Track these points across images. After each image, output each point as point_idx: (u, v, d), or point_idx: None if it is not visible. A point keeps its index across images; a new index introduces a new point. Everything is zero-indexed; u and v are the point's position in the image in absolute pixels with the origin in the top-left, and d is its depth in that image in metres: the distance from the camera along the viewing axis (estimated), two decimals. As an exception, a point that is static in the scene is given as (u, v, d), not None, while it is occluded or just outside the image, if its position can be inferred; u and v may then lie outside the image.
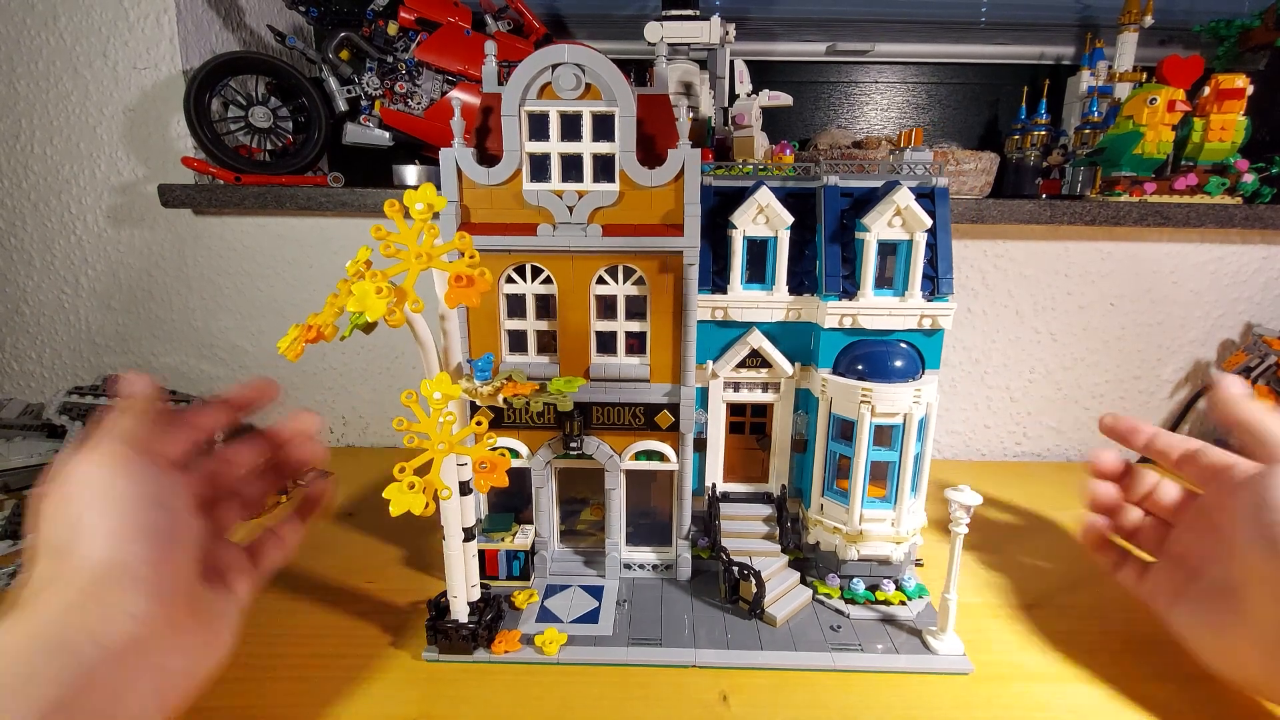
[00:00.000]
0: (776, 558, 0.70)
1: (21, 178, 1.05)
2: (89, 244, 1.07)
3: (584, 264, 0.64)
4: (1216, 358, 1.10)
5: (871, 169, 0.68)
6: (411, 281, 0.48)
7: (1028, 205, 0.97)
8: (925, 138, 1.18)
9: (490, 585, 0.68)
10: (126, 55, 1.00)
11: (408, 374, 1.12)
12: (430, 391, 0.50)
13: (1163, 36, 1.14)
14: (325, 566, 0.75)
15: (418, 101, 0.98)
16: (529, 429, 0.68)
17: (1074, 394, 1.11)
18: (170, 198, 1.00)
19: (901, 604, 0.67)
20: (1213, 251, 1.05)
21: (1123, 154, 0.95)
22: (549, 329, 0.67)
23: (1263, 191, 0.98)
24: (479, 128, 0.64)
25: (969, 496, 0.56)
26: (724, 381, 0.72)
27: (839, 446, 0.67)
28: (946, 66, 1.20)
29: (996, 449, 1.14)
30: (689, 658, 0.59)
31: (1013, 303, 1.07)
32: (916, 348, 0.66)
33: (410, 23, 0.96)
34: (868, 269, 0.64)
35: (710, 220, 0.69)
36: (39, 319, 1.12)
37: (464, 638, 0.59)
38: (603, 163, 0.62)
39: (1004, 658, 0.61)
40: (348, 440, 1.16)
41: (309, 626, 0.65)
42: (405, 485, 0.49)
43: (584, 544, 0.76)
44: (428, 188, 0.49)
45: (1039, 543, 0.82)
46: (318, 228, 1.06)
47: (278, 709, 0.54)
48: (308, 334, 0.46)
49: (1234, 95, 0.93)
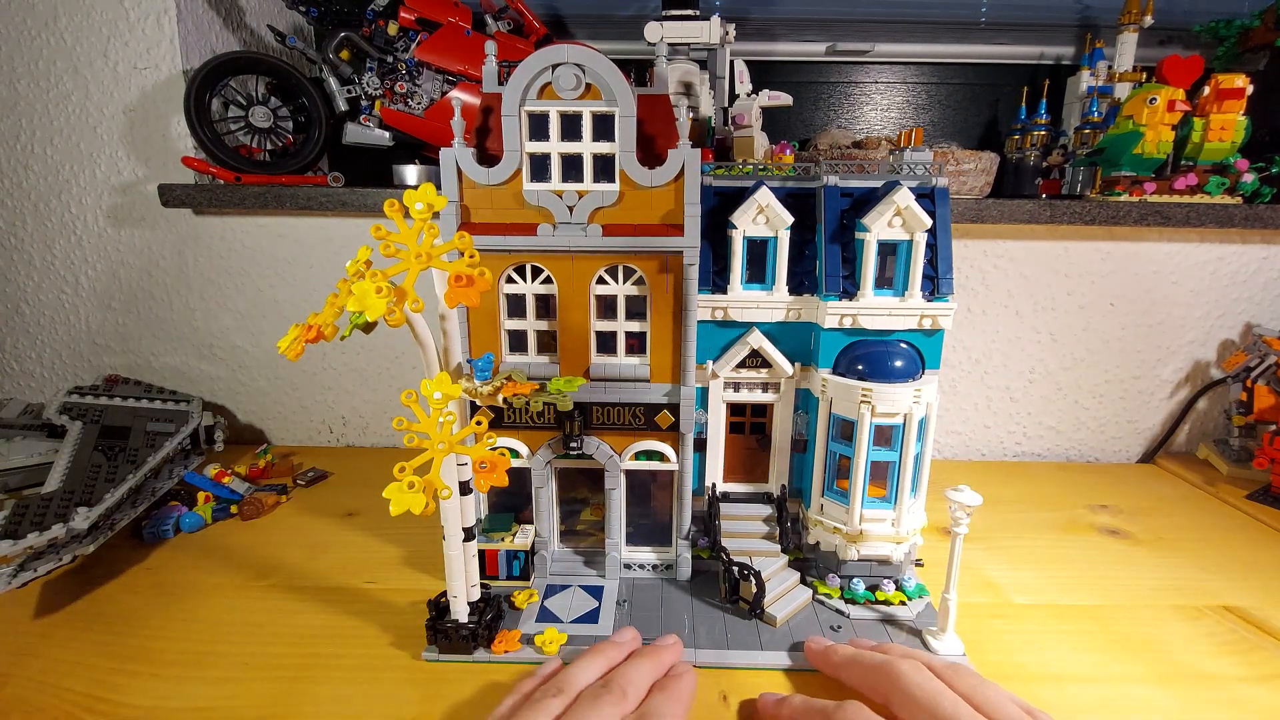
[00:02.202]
0: (776, 558, 0.70)
1: (22, 178, 1.05)
2: (89, 244, 1.07)
3: (584, 264, 0.64)
4: (1216, 358, 1.10)
5: (871, 169, 0.68)
6: (411, 281, 0.48)
7: (1028, 205, 0.96)
8: (925, 138, 1.18)
9: (490, 585, 0.68)
10: (127, 55, 1.00)
11: (408, 374, 1.12)
12: (430, 391, 0.50)
13: (1163, 36, 1.14)
14: (325, 566, 0.75)
15: (418, 101, 0.98)
16: (529, 429, 0.68)
17: (1074, 394, 1.11)
18: (170, 198, 1.00)
19: (901, 604, 0.67)
20: (1213, 251, 1.05)
21: (1123, 154, 0.95)
22: (549, 329, 0.67)
23: (1263, 191, 0.98)
24: (479, 128, 0.64)
25: (969, 496, 0.56)
26: (724, 381, 0.72)
27: (839, 446, 0.67)
28: (946, 66, 1.20)
29: (996, 449, 1.14)
30: (689, 658, 0.59)
31: (1013, 303, 1.07)
32: (916, 348, 0.66)
33: (410, 23, 0.96)
34: (868, 269, 0.64)
35: (710, 220, 0.69)
36: (39, 319, 1.12)
37: (464, 638, 0.59)
38: (603, 163, 0.62)
39: (1004, 658, 0.61)
40: (348, 440, 1.16)
41: (309, 626, 0.65)
42: (405, 485, 0.49)
43: (584, 544, 0.76)
44: (428, 187, 0.49)
45: (1039, 543, 0.82)
46: (318, 227, 1.06)
47: (278, 709, 0.54)
48: (308, 334, 0.46)
49: (1234, 95, 0.93)
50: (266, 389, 1.14)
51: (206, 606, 0.68)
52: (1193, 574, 0.76)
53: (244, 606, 0.68)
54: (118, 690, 0.56)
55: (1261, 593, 0.72)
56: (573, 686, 0.49)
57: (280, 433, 1.16)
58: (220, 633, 0.64)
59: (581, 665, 0.52)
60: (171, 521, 0.82)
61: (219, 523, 0.85)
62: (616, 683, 0.49)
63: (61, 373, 1.15)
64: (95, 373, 1.14)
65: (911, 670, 0.49)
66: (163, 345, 1.12)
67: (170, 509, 0.84)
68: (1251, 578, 0.75)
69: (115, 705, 0.55)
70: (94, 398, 0.93)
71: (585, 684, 0.50)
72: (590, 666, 0.52)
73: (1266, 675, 0.59)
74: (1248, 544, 0.82)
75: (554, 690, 0.48)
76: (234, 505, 0.87)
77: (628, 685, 0.49)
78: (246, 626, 0.65)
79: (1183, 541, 0.83)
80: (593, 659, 0.53)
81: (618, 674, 0.51)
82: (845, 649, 0.57)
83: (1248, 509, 0.91)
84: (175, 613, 0.67)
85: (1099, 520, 0.88)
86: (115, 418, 0.90)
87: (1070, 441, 1.13)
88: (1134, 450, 1.14)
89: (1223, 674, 0.60)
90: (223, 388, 1.14)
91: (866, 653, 0.55)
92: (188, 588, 0.71)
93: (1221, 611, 0.69)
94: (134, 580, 0.73)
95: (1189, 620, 0.67)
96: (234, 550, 0.79)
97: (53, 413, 0.89)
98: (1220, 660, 0.61)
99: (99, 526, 0.73)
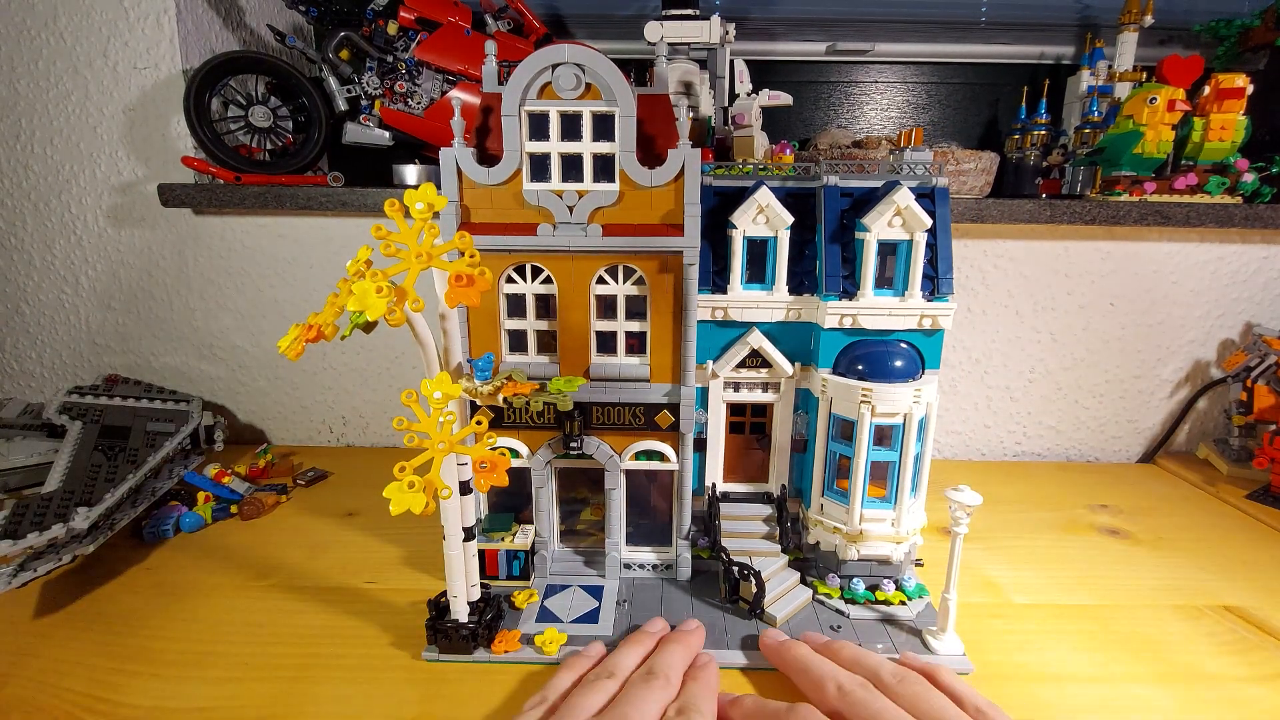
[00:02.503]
0: (776, 558, 0.70)
1: (22, 178, 1.05)
2: (89, 244, 1.07)
3: (584, 264, 0.64)
4: (1216, 357, 1.10)
5: (871, 169, 0.68)
6: (411, 281, 0.48)
7: (1028, 205, 0.96)
8: (925, 138, 1.18)
9: (490, 585, 0.68)
10: (127, 55, 1.00)
11: (408, 374, 1.12)
12: (430, 391, 0.50)
13: (1163, 36, 1.14)
14: (325, 566, 0.75)
15: (418, 101, 0.98)
16: (529, 429, 0.68)
17: (1074, 394, 1.11)
18: (170, 197, 1.00)
19: (901, 604, 0.67)
20: (1213, 251, 1.05)
21: (1123, 154, 0.95)
22: (549, 329, 0.67)
23: (1263, 191, 0.98)
24: (479, 127, 0.64)
25: (969, 496, 0.56)
26: (724, 381, 0.72)
27: (839, 446, 0.67)
28: (946, 66, 1.20)
29: (996, 449, 1.14)
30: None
31: (1013, 303, 1.07)
32: (916, 348, 0.66)
33: (410, 22, 0.96)
34: (868, 269, 0.64)
35: (710, 220, 0.69)
36: (39, 319, 1.12)
37: (464, 638, 0.59)
38: (603, 162, 0.62)
39: (1004, 658, 0.61)
40: (348, 440, 1.16)
41: (309, 626, 0.65)
42: (405, 485, 0.49)
43: (584, 544, 0.76)
44: (428, 187, 0.49)
45: (1039, 542, 0.82)
46: (318, 227, 1.06)
47: (278, 709, 0.54)
48: (308, 333, 0.46)
49: (1234, 95, 0.93)
50: (266, 389, 1.14)
51: (206, 606, 0.68)
52: (1193, 574, 0.76)
53: (244, 606, 0.68)
54: (118, 690, 0.56)
55: (1261, 593, 0.72)
56: (621, 671, 0.54)
57: (280, 433, 1.16)
58: (220, 633, 0.64)
59: (625, 652, 0.57)
60: (171, 521, 0.82)
61: (219, 523, 0.85)
62: (659, 669, 0.53)
63: (61, 373, 1.15)
64: (95, 373, 1.14)
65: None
66: (163, 345, 1.12)
67: (170, 509, 0.84)
68: (1251, 578, 0.75)
69: (115, 705, 0.55)
70: (94, 398, 0.93)
71: (630, 669, 0.55)
72: (633, 653, 0.57)
73: (1266, 675, 0.59)
74: (1248, 544, 0.82)
75: (606, 673, 0.53)
76: (234, 505, 0.87)
77: (669, 671, 0.54)
78: (246, 626, 0.65)
79: (1183, 541, 0.83)
80: (634, 647, 0.58)
81: (657, 660, 0.55)
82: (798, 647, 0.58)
83: (1248, 509, 0.91)
84: (175, 613, 0.67)
85: (1099, 520, 0.88)
86: (115, 418, 0.90)
87: (1070, 441, 1.13)
88: (1134, 450, 1.14)
89: (1223, 674, 0.60)
90: (223, 388, 1.14)
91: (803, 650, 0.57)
92: (188, 588, 0.71)
93: (1221, 611, 0.69)
94: (134, 580, 0.73)
95: (1189, 620, 0.67)
96: (234, 550, 0.79)
97: (53, 413, 0.89)
98: (1220, 660, 0.61)
99: (99, 526, 0.73)
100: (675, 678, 0.53)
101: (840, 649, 0.57)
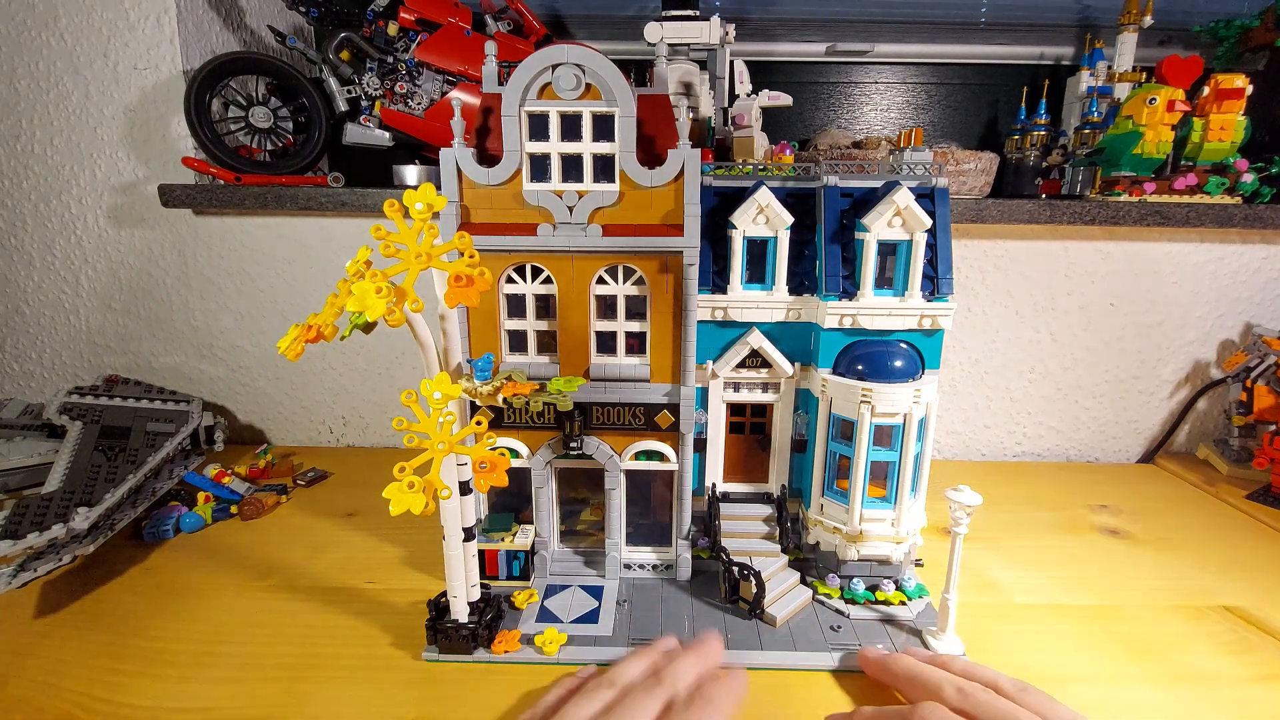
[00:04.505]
0: (776, 558, 0.70)
1: (22, 178, 1.05)
2: (89, 244, 1.07)
3: (584, 264, 0.64)
4: (1216, 358, 1.10)
5: (871, 169, 0.68)
6: (411, 281, 0.48)
7: (1027, 205, 0.97)
8: (925, 138, 1.18)
9: (490, 585, 0.68)
10: (127, 55, 1.00)
11: (408, 374, 1.12)
12: (430, 391, 0.50)
13: (1162, 36, 1.14)
14: (325, 566, 0.75)
15: (418, 102, 0.98)
16: (529, 429, 0.68)
17: (1074, 394, 1.11)
18: (170, 198, 1.00)
19: (901, 604, 0.67)
20: (1212, 251, 1.05)
21: (1122, 154, 0.95)
22: (549, 329, 0.67)
23: (1262, 191, 0.98)
24: (479, 128, 0.64)
25: (969, 496, 0.56)
26: (724, 381, 0.72)
27: (839, 446, 0.67)
28: (946, 66, 1.20)
29: (996, 449, 1.14)
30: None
31: (1013, 303, 1.07)
32: (916, 348, 0.66)
33: (410, 23, 0.96)
34: (868, 269, 0.64)
35: (710, 220, 0.69)
36: (39, 319, 1.12)
37: (464, 638, 0.59)
38: (603, 163, 0.62)
39: (1004, 658, 0.61)
40: (348, 440, 1.16)
41: (309, 626, 0.65)
42: (405, 485, 0.49)
43: (584, 544, 0.76)
44: (428, 188, 0.49)
45: (1039, 543, 0.82)
46: (318, 227, 1.06)
47: (278, 709, 0.54)
48: (308, 334, 0.46)
49: (1233, 95, 0.93)
50: (266, 389, 1.14)
51: (206, 607, 0.68)
52: (1193, 574, 0.76)
53: (244, 607, 0.68)
54: (118, 690, 0.56)
55: (1261, 593, 0.72)
56: (622, 680, 0.52)
57: (280, 433, 1.16)
58: (220, 633, 0.64)
59: (628, 663, 0.54)
60: (171, 521, 0.82)
61: (219, 523, 0.85)
62: (666, 675, 0.51)
63: (61, 373, 1.15)
64: (95, 373, 1.14)
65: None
66: (163, 345, 1.12)
67: (170, 509, 0.84)
68: (1251, 578, 0.75)
69: (115, 705, 0.55)
70: (94, 398, 0.93)
71: (633, 680, 0.52)
72: (636, 665, 0.54)
73: (1266, 675, 0.59)
74: (1248, 544, 0.82)
75: (606, 683, 0.51)
76: (234, 505, 0.87)
77: (676, 679, 0.51)
78: (246, 627, 0.65)
79: (1183, 541, 0.83)
80: (638, 659, 0.55)
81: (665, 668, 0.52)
82: (904, 658, 0.56)
83: (1248, 509, 0.91)
84: (175, 613, 0.67)
85: (1099, 520, 0.88)
86: (115, 418, 0.90)
87: (1070, 441, 1.13)
88: (1134, 450, 1.14)
89: (1223, 674, 0.60)
90: (223, 388, 1.14)
91: (911, 661, 0.55)
92: (188, 588, 0.71)
93: (1221, 611, 0.69)
94: (134, 580, 0.73)
95: (1189, 620, 0.67)
96: (234, 550, 0.79)
97: (53, 413, 0.89)
98: (1220, 660, 0.61)
99: (99, 526, 0.73)
100: (683, 684, 0.51)
101: (951, 660, 0.55)
